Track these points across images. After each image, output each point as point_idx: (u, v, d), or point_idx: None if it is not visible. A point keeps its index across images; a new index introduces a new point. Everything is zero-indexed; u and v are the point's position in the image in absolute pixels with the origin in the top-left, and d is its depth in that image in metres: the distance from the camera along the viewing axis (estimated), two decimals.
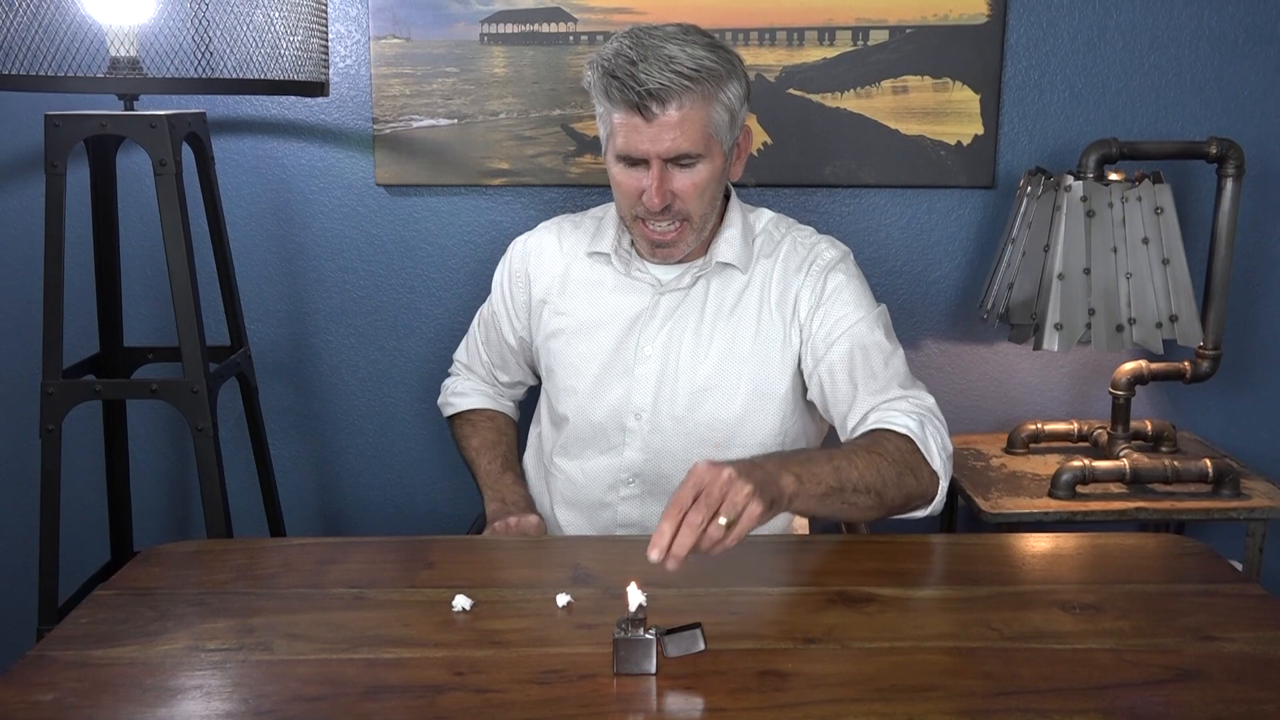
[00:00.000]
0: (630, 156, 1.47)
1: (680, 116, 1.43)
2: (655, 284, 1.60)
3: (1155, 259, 1.89)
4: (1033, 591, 1.25)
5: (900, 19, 2.05)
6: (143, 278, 2.12)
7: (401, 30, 2.06)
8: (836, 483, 1.31)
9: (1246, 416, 2.21)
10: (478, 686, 1.04)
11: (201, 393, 1.71)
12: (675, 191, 1.48)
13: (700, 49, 1.44)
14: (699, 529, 1.12)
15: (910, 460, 1.39)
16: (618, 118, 1.45)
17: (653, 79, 1.40)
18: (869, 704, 1.01)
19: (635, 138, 1.44)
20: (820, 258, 1.58)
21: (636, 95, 1.41)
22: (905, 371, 1.53)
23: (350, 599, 1.22)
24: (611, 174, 1.52)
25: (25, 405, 2.11)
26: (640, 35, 1.45)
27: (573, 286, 1.64)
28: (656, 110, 1.42)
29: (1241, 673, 1.06)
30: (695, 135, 1.44)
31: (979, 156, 2.10)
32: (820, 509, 1.33)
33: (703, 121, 1.44)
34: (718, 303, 1.58)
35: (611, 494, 1.58)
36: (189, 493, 2.26)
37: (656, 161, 1.45)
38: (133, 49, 1.63)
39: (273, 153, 2.12)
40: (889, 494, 1.36)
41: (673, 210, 1.49)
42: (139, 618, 1.17)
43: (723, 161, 1.51)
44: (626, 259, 1.61)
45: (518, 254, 1.72)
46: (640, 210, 1.50)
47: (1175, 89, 2.09)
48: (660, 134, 1.43)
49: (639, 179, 1.48)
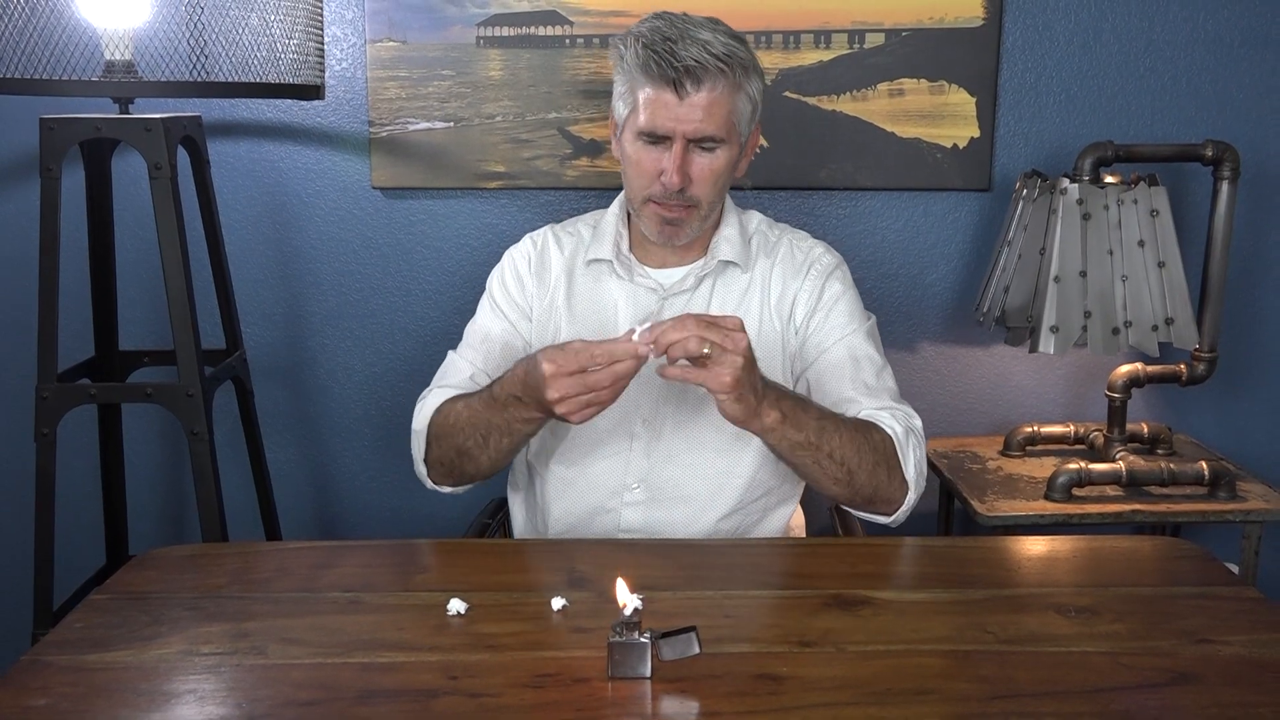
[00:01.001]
0: (654, 133, 1.47)
1: (710, 99, 1.45)
2: (658, 288, 1.59)
3: (1151, 262, 1.89)
4: (1028, 594, 1.25)
5: (896, 22, 2.05)
6: (138, 281, 2.12)
7: (397, 33, 2.06)
8: (816, 440, 1.37)
9: (1242, 419, 2.21)
10: (472, 690, 1.03)
11: (197, 396, 1.71)
12: (691, 175, 1.49)
13: (729, 38, 1.47)
14: (688, 334, 1.22)
15: (889, 458, 1.43)
16: (647, 93, 1.46)
17: (691, 57, 1.43)
18: (864, 707, 1.00)
19: (663, 114, 1.45)
20: (819, 262, 1.60)
21: (674, 71, 1.43)
22: (895, 388, 1.55)
23: (345, 603, 1.22)
24: (627, 154, 1.52)
25: (20, 409, 2.11)
26: (673, 17, 1.48)
27: (577, 294, 1.62)
28: (690, 88, 1.44)
29: (1237, 676, 1.06)
30: (721, 119, 1.46)
31: (975, 159, 2.10)
32: (790, 456, 1.39)
33: (729, 108, 1.47)
34: (721, 303, 1.58)
35: (614, 499, 1.57)
36: (185, 496, 2.25)
37: (680, 140, 1.46)
38: (128, 52, 1.63)
39: (268, 156, 2.12)
40: (859, 477, 1.40)
41: (685, 194, 1.49)
42: (133, 622, 1.17)
43: (738, 153, 1.53)
44: (629, 264, 1.60)
45: (520, 259, 1.65)
46: (655, 190, 1.50)
47: (1171, 92, 2.09)
48: (689, 113, 1.45)
49: (658, 158, 1.48)
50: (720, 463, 1.55)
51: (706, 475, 1.55)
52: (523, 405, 1.37)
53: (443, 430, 1.49)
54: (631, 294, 1.60)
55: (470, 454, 1.47)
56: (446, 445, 1.49)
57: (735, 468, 1.55)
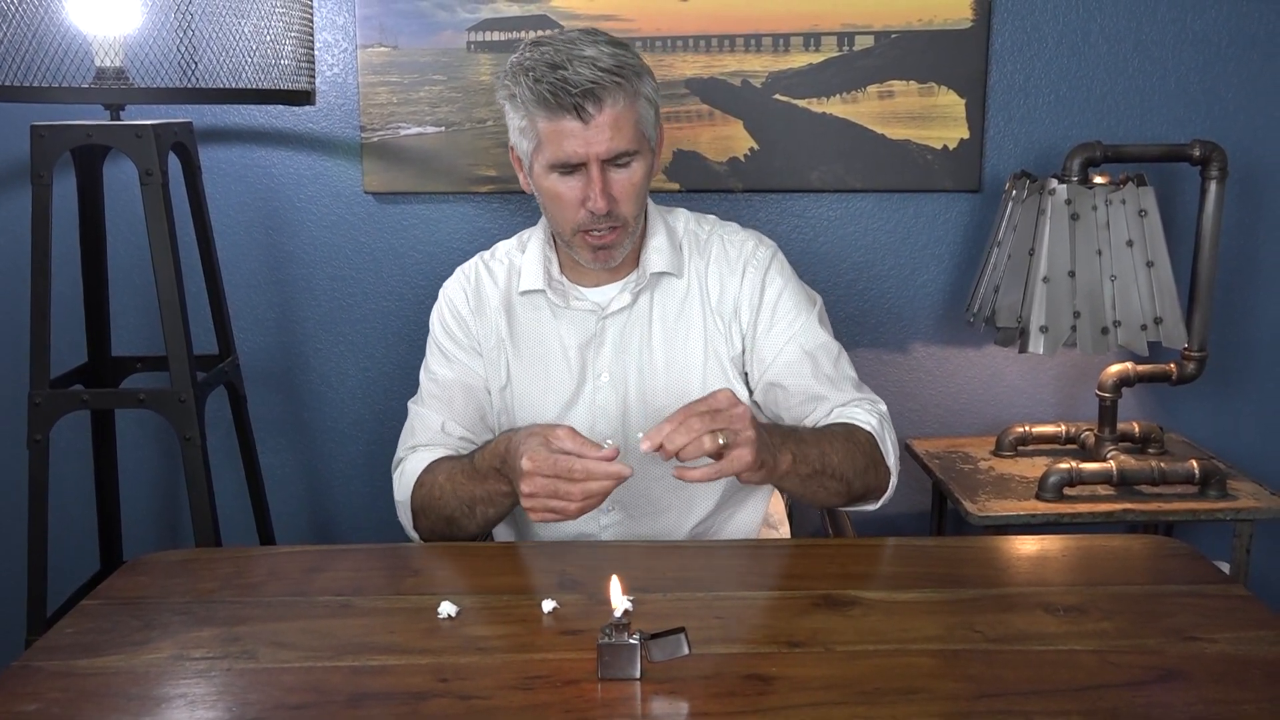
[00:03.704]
0: (568, 163, 1.42)
1: (614, 115, 1.40)
2: (596, 309, 1.55)
3: (1140, 261, 1.90)
4: (1018, 594, 1.25)
5: (885, 24, 2.06)
6: (130, 287, 2.12)
7: (389, 39, 2.07)
8: (821, 466, 1.38)
9: (1233, 418, 2.22)
10: (462, 693, 1.04)
11: (189, 402, 1.71)
12: (615, 195, 1.45)
13: (613, 47, 1.42)
14: (696, 434, 1.21)
15: (874, 455, 1.45)
16: (547, 126, 1.41)
17: (584, 79, 1.38)
18: (853, 707, 1.01)
19: (571, 143, 1.41)
20: (754, 258, 1.56)
21: (571, 98, 1.38)
22: (854, 374, 1.55)
23: (336, 606, 1.22)
24: (544, 188, 1.47)
25: (13, 415, 2.11)
26: (550, 41, 1.43)
27: (518, 327, 1.58)
28: (592, 110, 1.39)
29: (1223, 673, 1.06)
30: (630, 133, 1.42)
31: (964, 160, 2.11)
32: (799, 488, 1.40)
33: (634, 118, 1.43)
34: (661, 314, 1.55)
35: (592, 524, 1.57)
36: (178, 502, 2.25)
37: (595, 164, 1.42)
38: (119, 59, 1.63)
39: (260, 161, 2.13)
40: (856, 484, 1.43)
41: (612, 214, 1.45)
42: (124, 627, 1.17)
43: (651, 159, 1.49)
44: (562, 290, 1.55)
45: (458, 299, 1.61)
46: (584, 219, 1.45)
47: (1159, 92, 2.10)
48: (597, 135, 1.40)
49: (578, 187, 1.44)
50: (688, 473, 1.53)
51: (680, 487, 1.53)
52: (502, 478, 1.37)
53: (427, 503, 1.48)
54: (570, 320, 1.55)
55: (459, 522, 1.46)
56: (434, 517, 1.48)
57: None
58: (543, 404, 1.56)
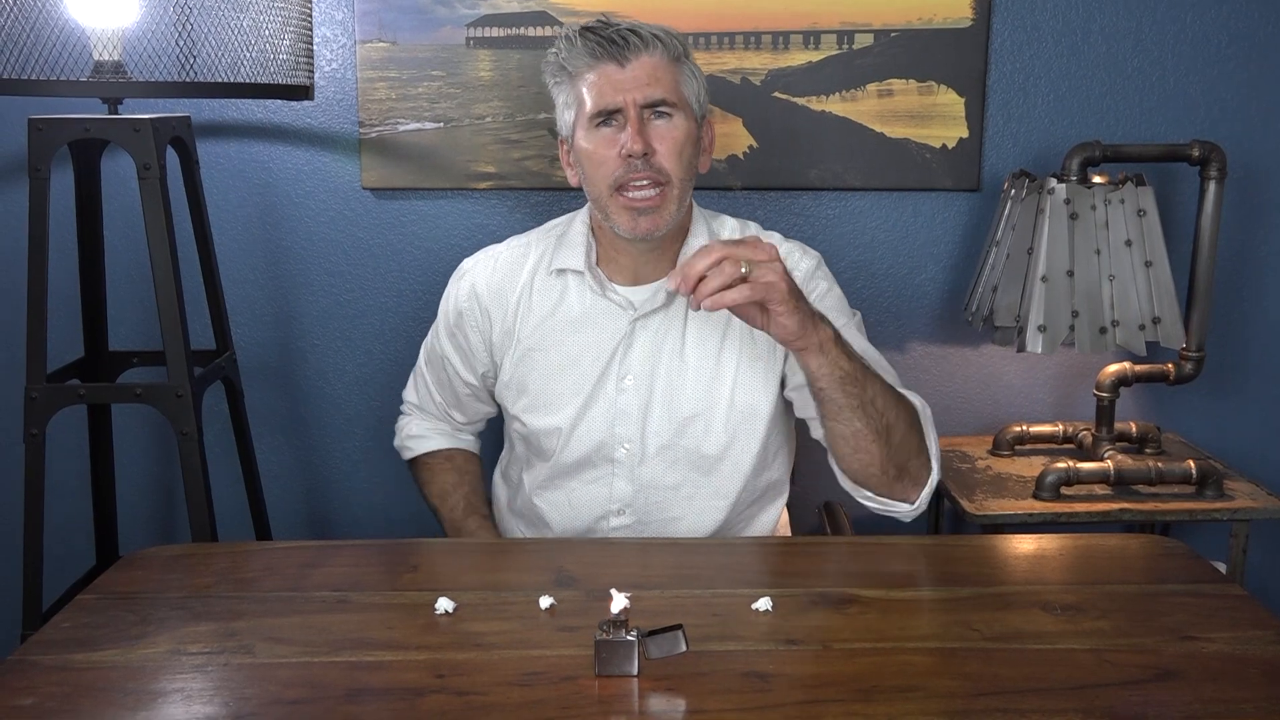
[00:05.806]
0: (605, 110, 1.45)
1: (653, 63, 1.46)
2: (628, 305, 1.54)
3: (1138, 261, 1.90)
4: (1015, 592, 1.25)
5: (885, 23, 2.06)
6: (128, 282, 2.12)
7: (387, 34, 2.06)
8: (862, 375, 1.34)
9: (1230, 418, 2.22)
10: (459, 689, 1.04)
11: (186, 397, 1.71)
12: (653, 143, 1.45)
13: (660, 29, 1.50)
14: (715, 256, 1.22)
15: (917, 424, 1.42)
16: (590, 77, 1.47)
17: (623, 28, 1.46)
18: (850, 704, 1.01)
19: (609, 89, 1.45)
20: (799, 267, 1.55)
21: (612, 45, 1.45)
22: (897, 378, 1.52)
23: (333, 602, 1.22)
24: (584, 151, 1.48)
25: (9, 410, 2.10)
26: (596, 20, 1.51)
27: (538, 316, 1.57)
28: (632, 55, 1.45)
29: (1219, 673, 1.06)
30: (668, 84, 1.46)
31: (963, 159, 2.11)
32: (837, 391, 1.33)
33: (674, 77, 1.48)
34: (699, 318, 1.53)
35: (601, 523, 1.57)
36: (175, 497, 2.25)
37: (633, 108, 1.44)
38: (116, 53, 1.63)
39: (258, 156, 2.12)
40: (896, 435, 1.37)
41: (653, 166, 1.44)
42: (120, 621, 1.17)
43: (695, 130, 1.50)
44: (601, 279, 1.55)
45: (465, 291, 1.64)
46: (620, 173, 1.45)
47: (1158, 92, 2.10)
48: (635, 79, 1.45)
49: (614, 137, 1.45)
50: (704, 483, 1.54)
51: (693, 497, 1.54)
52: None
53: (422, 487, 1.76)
54: (603, 313, 1.54)
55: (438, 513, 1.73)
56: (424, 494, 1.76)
57: (723, 487, 1.54)
58: (559, 393, 1.55)
